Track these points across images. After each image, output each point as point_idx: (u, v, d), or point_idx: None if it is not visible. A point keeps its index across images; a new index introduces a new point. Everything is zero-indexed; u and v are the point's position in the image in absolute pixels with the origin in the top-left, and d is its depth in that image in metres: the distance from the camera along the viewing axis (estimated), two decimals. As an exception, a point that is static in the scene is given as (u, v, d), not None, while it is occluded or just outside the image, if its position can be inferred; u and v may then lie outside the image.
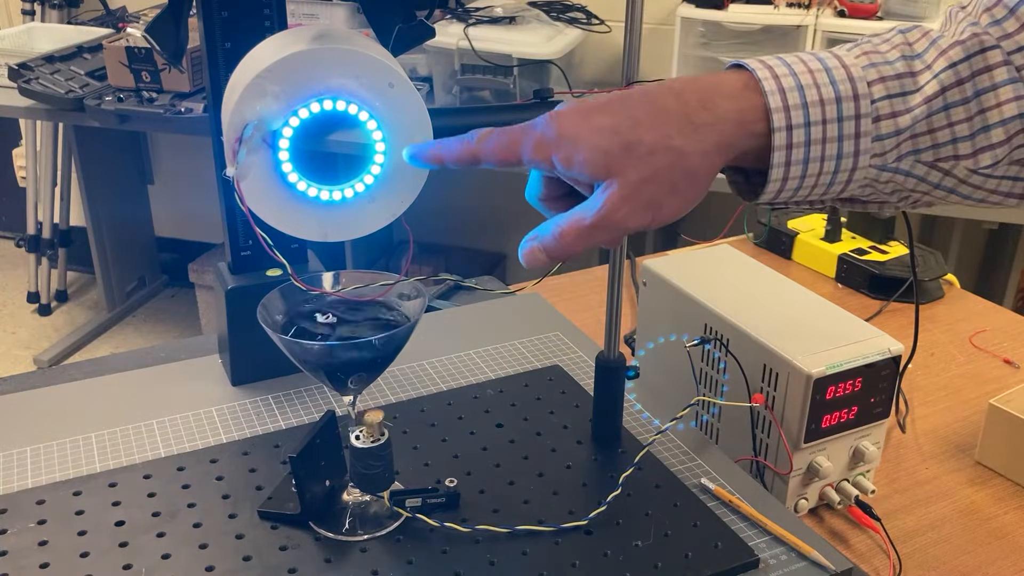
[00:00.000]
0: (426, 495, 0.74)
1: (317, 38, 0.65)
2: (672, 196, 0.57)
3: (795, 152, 0.57)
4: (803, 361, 0.82)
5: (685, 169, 0.57)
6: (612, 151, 0.56)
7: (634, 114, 0.57)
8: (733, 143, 0.57)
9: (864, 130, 0.57)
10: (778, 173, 0.57)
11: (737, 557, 0.72)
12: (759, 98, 0.57)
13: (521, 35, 2.26)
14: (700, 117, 0.56)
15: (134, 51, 2.19)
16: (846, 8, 2.15)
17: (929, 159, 0.59)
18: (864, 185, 0.60)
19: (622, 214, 0.57)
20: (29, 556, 0.70)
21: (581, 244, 0.58)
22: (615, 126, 0.56)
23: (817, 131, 0.57)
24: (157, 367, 0.96)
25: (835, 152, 0.57)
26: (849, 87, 0.57)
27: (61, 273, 3.23)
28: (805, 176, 0.58)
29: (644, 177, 0.56)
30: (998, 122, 0.57)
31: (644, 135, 0.56)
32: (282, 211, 0.67)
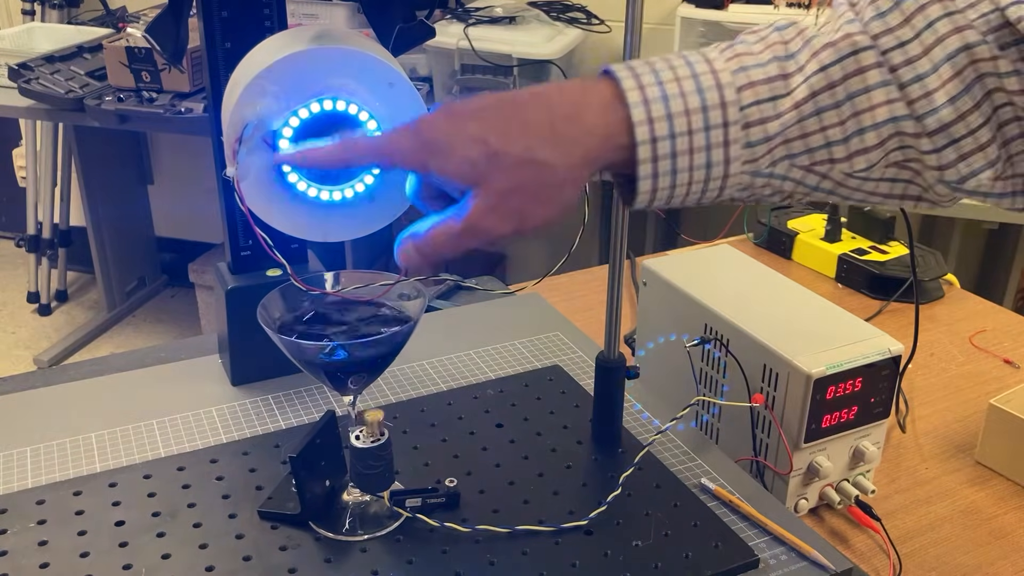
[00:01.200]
0: (426, 495, 0.74)
1: (317, 38, 0.65)
2: (537, 206, 0.57)
3: (661, 164, 0.56)
4: (803, 361, 0.82)
5: (550, 181, 0.57)
6: (478, 161, 0.56)
7: (502, 124, 0.57)
8: (599, 156, 0.57)
9: (733, 137, 0.56)
10: (646, 185, 0.57)
11: (737, 557, 0.72)
12: (624, 110, 0.56)
13: (521, 35, 2.26)
14: (567, 131, 0.56)
15: (134, 51, 2.19)
16: (846, 8, 2.14)
17: (804, 163, 0.58)
18: (741, 189, 0.59)
19: (488, 222, 0.57)
20: (29, 556, 0.70)
21: (451, 247, 0.58)
22: (483, 136, 0.56)
23: (683, 142, 0.56)
24: (157, 367, 0.96)
25: (703, 161, 0.57)
26: (716, 95, 0.56)
27: (61, 273, 3.23)
28: (675, 186, 0.57)
29: (509, 188, 0.56)
30: (871, 126, 0.57)
31: (510, 147, 0.56)
32: (282, 211, 0.67)
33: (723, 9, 2.21)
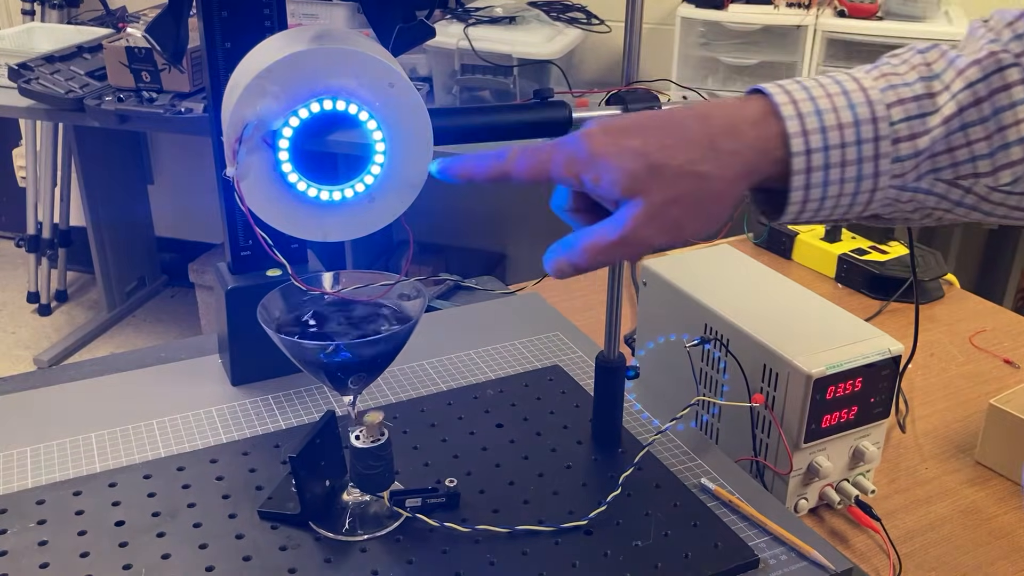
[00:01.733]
0: (426, 495, 0.74)
1: (317, 38, 0.65)
2: (695, 219, 0.59)
3: (814, 176, 0.58)
4: (803, 361, 0.82)
5: (709, 193, 0.58)
6: (639, 173, 0.57)
7: (662, 138, 0.58)
8: (756, 169, 0.58)
9: (883, 152, 0.58)
10: (798, 196, 0.59)
11: (737, 557, 0.72)
12: (779, 124, 0.58)
13: (521, 35, 2.26)
14: (725, 144, 0.58)
15: (134, 51, 2.19)
16: (846, 8, 2.15)
17: (949, 177, 0.59)
18: (886, 204, 0.60)
19: (645, 233, 0.58)
20: (29, 556, 0.70)
21: (604, 259, 0.60)
22: (643, 149, 0.58)
23: (836, 155, 0.58)
24: (157, 367, 0.96)
25: (854, 174, 0.58)
26: (867, 110, 0.58)
27: (61, 273, 3.23)
28: (825, 198, 0.59)
29: (669, 199, 0.57)
30: (1017, 140, 0.58)
31: (671, 159, 0.57)
32: (282, 211, 0.67)
33: (723, 9, 2.21)
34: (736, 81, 2.27)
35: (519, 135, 0.76)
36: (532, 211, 2.96)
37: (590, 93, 1.92)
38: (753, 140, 0.58)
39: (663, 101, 0.75)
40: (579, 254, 0.60)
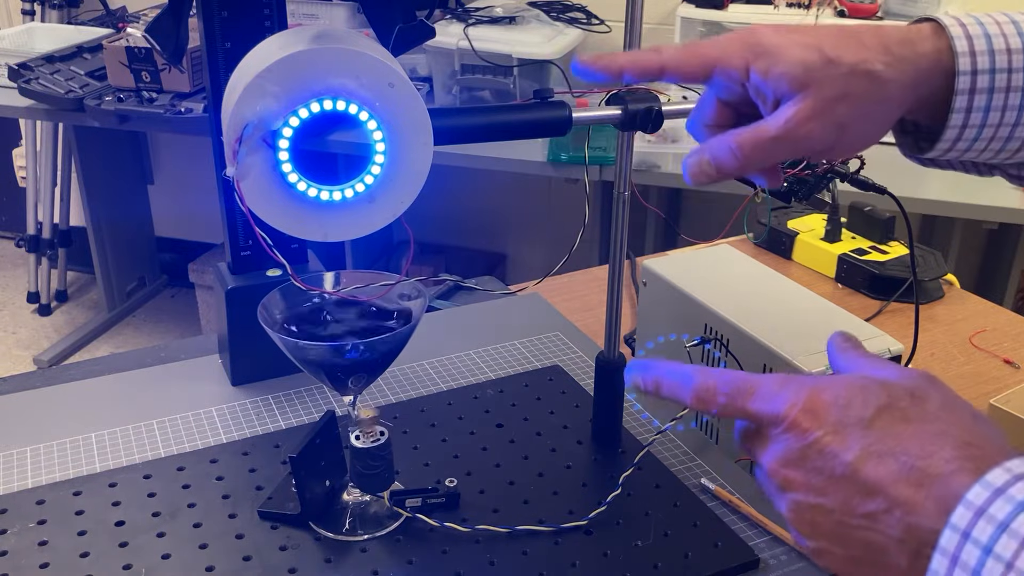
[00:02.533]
0: (426, 495, 0.74)
1: (317, 38, 0.65)
2: (861, 121, 0.57)
3: (977, 98, 0.56)
4: (803, 361, 0.82)
5: (880, 96, 0.56)
6: (813, 64, 0.56)
7: (836, 38, 0.57)
8: (926, 81, 0.57)
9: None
10: (957, 119, 0.57)
11: (737, 557, 0.72)
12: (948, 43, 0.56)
13: (521, 35, 2.26)
14: (900, 50, 0.57)
15: (134, 51, 2.19)
16: (846, 8, 2.15)
17: None
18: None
19: (809, 128, 0.56)
20: (29, 556, 0.70)
21: (758, 156, 0.57)
22: (818, 43, 0.56)
23: (1002, 79, 0.56)
24: (157, 367, 0.96)
25: (1018, 102, 0.56)
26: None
27: (61, 273, 3.23)
28: (984, 126, 0.57)
29: (839, 95, 0.56)
30: None
31: (846, 56, 0.56)
32: (282, 211, 0.67)
33: (723, 9, 2.21)
34: (736, 81, 2.27)
35: (519, 135, 0.76)
36: (532, 211, 2.96)
37: (590, 93, 1.92)
38: (927, 51, 0.57)
39: (663, 101, 0.75)
40: (727, 152, 0.57)
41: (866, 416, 0.48)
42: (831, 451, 0.48)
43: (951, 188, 1.99)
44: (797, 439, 0.50)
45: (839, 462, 0.48)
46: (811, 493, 0.49)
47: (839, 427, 0.49)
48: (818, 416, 0.49)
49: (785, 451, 0.50)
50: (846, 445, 0.48)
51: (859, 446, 0.48)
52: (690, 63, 0.58)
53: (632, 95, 0.74)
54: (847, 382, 0.50)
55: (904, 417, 0.48)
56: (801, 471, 0.50)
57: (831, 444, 0.49)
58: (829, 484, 0.49)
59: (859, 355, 0.55)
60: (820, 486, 0.49)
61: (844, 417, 0.49)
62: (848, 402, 0.49)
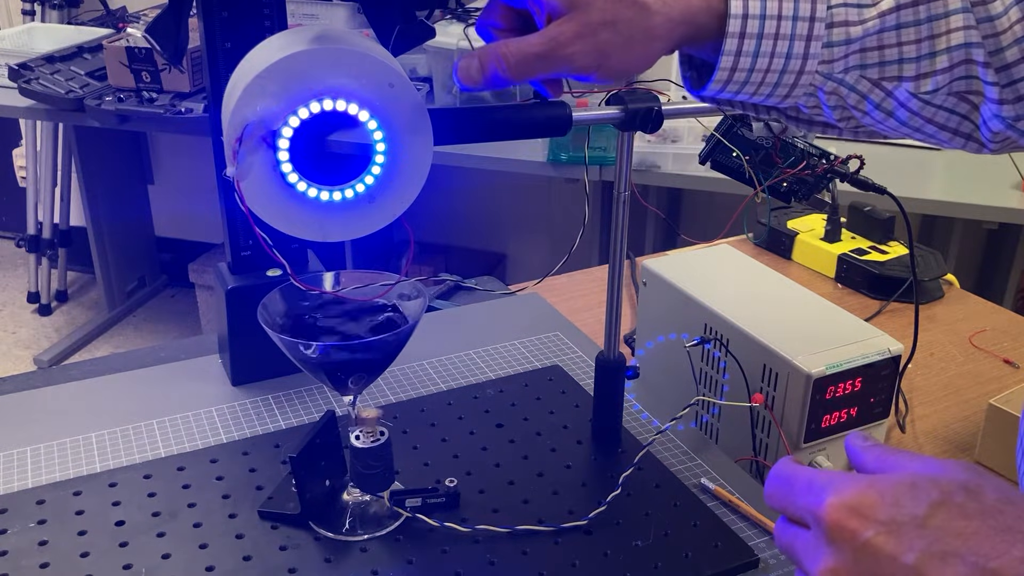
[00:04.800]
0: (426, 495, 0.74)
1: (317, 38, 0.65)
2: (623, 50, 0.58)
3: (747, 43, 0.58)
4: (803, 361, 0.82)
5: (645, 27, 0.57)
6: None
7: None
8: (695, 19, 0.58)
9: (816, 33, 0.58)
10: (727, 62, 0.58)
11: (737, 557, 0.72)
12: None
13: (521, 35, 2.26)
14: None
15: (134, 51, 2.19)
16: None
17: (874, 76, 0.60)
18: (809, 94, 0.61)
19: (570, 50, 0.57)
20: (29, 556, 0.70)
21: (519, 71, 0.58)
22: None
23: (771, 25, 0.57)
24: (157, 367, 0.96)
25: (785, 50, 0.58)
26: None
27: (61, 273, 3.23)
28: (753, 70, 0.59)
29: (604, 21, 0.56)
30: (944, 49, 0.59)
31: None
32: (282, 211, 0.67)
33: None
34: (736, 81, 2.27)
35: (519, 135, 0.76)
36: (532, 211, 2.96)
37: (590, 93, 1.92)
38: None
39: (663, 101, 0.75)
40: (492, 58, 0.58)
41: (920, 513, 0.44)
42: (888, 553, 0.43)
43: (951, 188, 2.00)
44: (846, 541, 0.45)
45: (899, 565, 0.43)
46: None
47: (892, 526, 0.44)
48: (865, 515, 0.44)
49: (834, 556, 0.45)
50: (904, 546, 0.43)
51: (919, 546, 0.43)
52: None
53: (632, 95, 0.74)
54: (892, 478, 0.46)
55: (963, 513, 0.43)
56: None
57: (886, 545, 0.43)
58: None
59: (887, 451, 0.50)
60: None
61: (896, 515, 0.44)
62: (897, 499, 0.44)
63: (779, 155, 1.11)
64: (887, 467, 0.48)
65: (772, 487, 0.50)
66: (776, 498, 0.49)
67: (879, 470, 0.48)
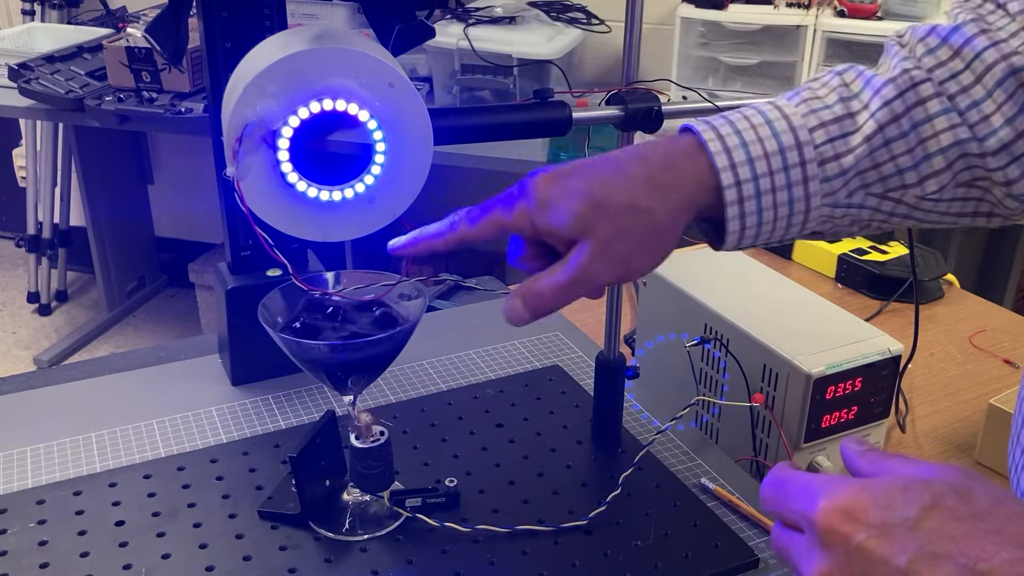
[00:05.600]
0: (426, 495, 0.74)
1: (317, 38, 0.65)
2: (641, 252, 0.60)
3: (747, 204, 0.60)
4: (803, 361, 0.82)
5: (653, 227, 0.59)
6: (584, 213, 0.59)
7: (603, 178, 0.60)
8: (695, 200, 0.60)
9: (811, 174, 0.60)
10: (734, 225, 0.60)
11: (737, 557, 0.72)
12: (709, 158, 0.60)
13: (521, 35, 2.26)
14: (664, 179, 0.60)
15: (134, 51, 2.19)
16: (846, 8, 2.15)
17: (879, 191, 0.62)
18: (823, 221, 0.62)
19: (595, 270, 0.59)
20: (29, 556, 0.70)
21: (560, 300, 0.61)
22: (587, 190, 0.59)
23: (766, 182, 0.60)
24: (157, 367, 0.96)
25: (786, 199, 0.60)
26: (791, 137, 0.60)
27: (61, 273, 3.23)
28: (761, 224, 0.61)
29: (615, 235, 0.59)
30: (937, 150, 0.61)
31: (613, 196, 0.59)
32: (282, 211, 0.67)
33: (723, 9, 2.21)
34: (736, 81, 2.27)
35: (519, 135, 0.76)
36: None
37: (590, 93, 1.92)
38: (689, 173, 0.60)
39: (663, 101, 0.75)
40: (534, 298, 0.61)
41: (911, 516, 0.44)
42: (879, 556, 0.44)
43: (951, 188, 1.99)
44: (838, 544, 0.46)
45: (891, 567, 0.44)
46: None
47: (884, 529, 0.45)
48: (857, 518, 0.45)
49: (827, 559, 0.46)
50: (896, 548, 0.44)
51: (911, 549, 0.44)
52: (485, 232, 0.63)
53: (632, 95, 0.74)
54: (885, 482, 0.47)
55: (954, 515, 0.44)
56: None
57: (878, 548, 0.44)
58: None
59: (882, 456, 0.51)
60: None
61: (888, 518, 0.45)
62: (889, 502, 0.45)
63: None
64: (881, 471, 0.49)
65: (767, 491, 0.50)
66: (771, 502, 0.50)
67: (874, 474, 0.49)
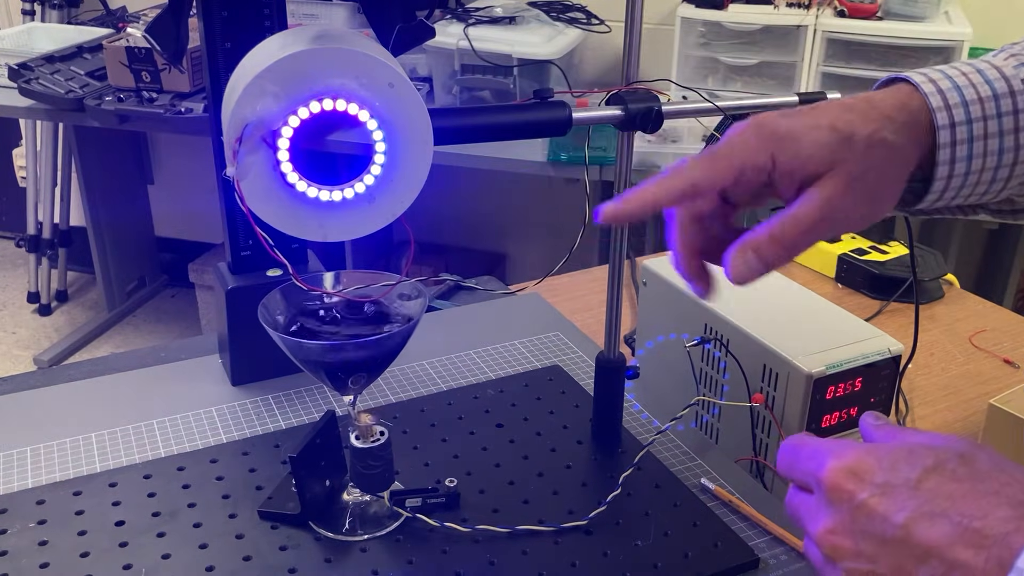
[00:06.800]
0: (426, 495, 0.74)
1: (317, 38, 0.65)
2: (890, 186, 0.59)
3: (959, 149, 0.59)
4: (803, 361, 0.82)
5: (898, 160, 0.58)
6: (833, 144, 0.57)
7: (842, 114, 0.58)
8: (924, 139, 0.59)
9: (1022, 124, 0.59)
10: (943, 171, 0.59)
11: (737, 557, 0.72)
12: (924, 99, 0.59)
13: (521, 35, 2.26)
14: (900, 116, 0.59)
15: (134, 51, 2.19)
16: (846, 8, 2.15)
17: None
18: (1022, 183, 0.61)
19: (846, 205, 0.57)
20: (29, 556, 0.70)
21: (802, 244, 0.57)
22: (831, 123, 0.58)
23: (979, 127, 0.59)
24: (157, 367, 0.96)
25: (997, 147, 0.59)
26: (1004, 84, 0.59)
27: (61, 273, 3.23)
28: (969, 173, 0.60)
29: (866, 168, 0.57)
30: None
31: (860, 129, 0.57)
32: (282, 211, 0.67)
33: (723, 9, 2.21)
34: (736, 81, 2.27)
35: (519, 135, 0.76)
36: (532, 211, 2.96)
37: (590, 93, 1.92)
38: (917, 111, 0.59)
39: (663, 101, 0.75)
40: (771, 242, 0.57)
41: (913, 477, 0.47)
42: (880, 513, 0.47)
43: (951, 188, 1.99)
44: (843, 502, 0.48)
45: (890, 524, 0.46)
46: (862, 559, 0.47)
47: (886, 488, 0.47)
48: (862, 478, 0.48)
49: (832, 517, 0.48)
50: (896, 507, 0.46)
51: (910, 507, 0.46)
52: (720, 172, 0.58)
53: (632, 95, 0.74)
54: (891, 446, 0.49)
55: (954, 477, 0.46)
56: (850, 537, 0.48)
57: (879, 506, 0.47)
58: (881, 549, 0.47)
59: (896, 428, 0.53)
60: (871, 552, 0.47)
61: (891, 478, 0.47)
62: (893, 464, 0.48)
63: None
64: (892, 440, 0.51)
65: (783, 457, 0.52)
66: (785, 467, 0.52)
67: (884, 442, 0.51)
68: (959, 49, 2.07)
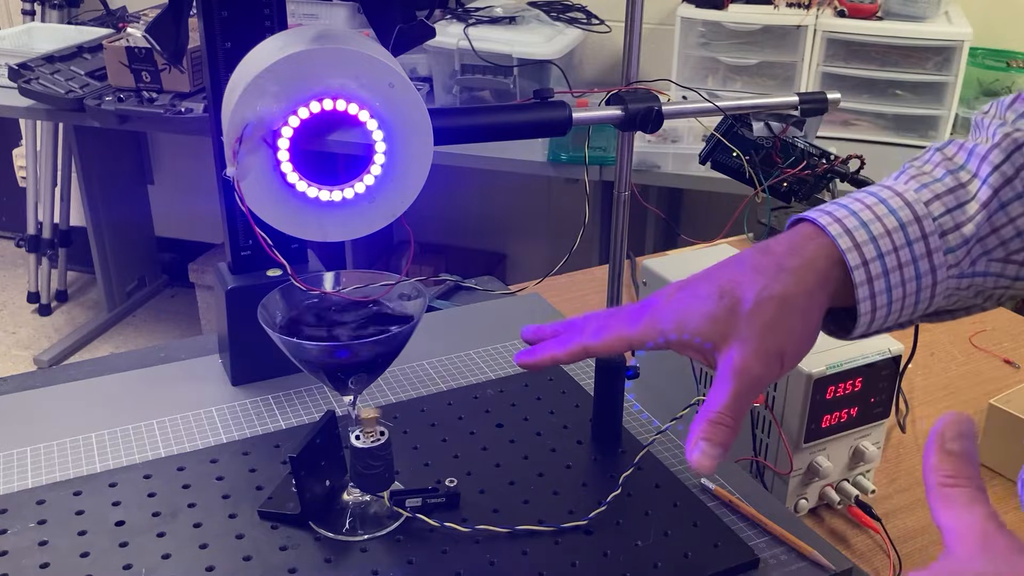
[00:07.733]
0: (426, 495, 0.74)
1: (317, 38, 0.65)
2: (793, 335, 0.59)
3: (876, 284, 0.59)
4: (803, 361, 0.82)
5: (795, 310, 0.59)
6: (718, 315, 0.58)
7: (730, 275, 0.60)
8: (828, 277, 0.60)
9: (934, 247, 0.60)
10: (866, 307, 0.60)
11: (737, 557, 0.72)
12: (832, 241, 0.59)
13: (521, 35, 2.26)
14: (791, 262, 0.59)
15: (134, 51, 2.19)
16: (846, 8, 2.15)
17: (1001, 256, 0.62)
18: (948, 295, 0.62)
19: (757, 367, 0.58)
20: (29, 556, 0.70)
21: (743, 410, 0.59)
22: (719, 289, 0.59)
23: (891, 260, 0.59)
24: (157, 367, 0.96)
25: (913, 273, 0.60)
26: (909, 212, 0.60)
27: (61, 273, 3.23)
28: (892, 303, 0.60)
29: (758, 329, 0.58)
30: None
31: (746, 291, 0.58)
32: (282, 211, 0.67)
33: (723, 9, 2.21)
34: (736, 81, 2.27)
35: (519, 135, 0.76)
36: (532, 211, 2.96)
37: (590, 93, 1.92)
38: (815, 252, 0.59)
39: (663, 101, 0.75)
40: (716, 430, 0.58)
41: None
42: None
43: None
44: None
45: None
46: None
47: None
48: None
49: None
50: None
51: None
52: (612, 346, 0.62)
53: (632, 95, 0.75)
54: None
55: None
56: None
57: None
58: None
59: None
60: None
61: None
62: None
63: (779, 155, 1.11)
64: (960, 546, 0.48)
65: None
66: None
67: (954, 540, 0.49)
68: (959, 49, 2.08)
